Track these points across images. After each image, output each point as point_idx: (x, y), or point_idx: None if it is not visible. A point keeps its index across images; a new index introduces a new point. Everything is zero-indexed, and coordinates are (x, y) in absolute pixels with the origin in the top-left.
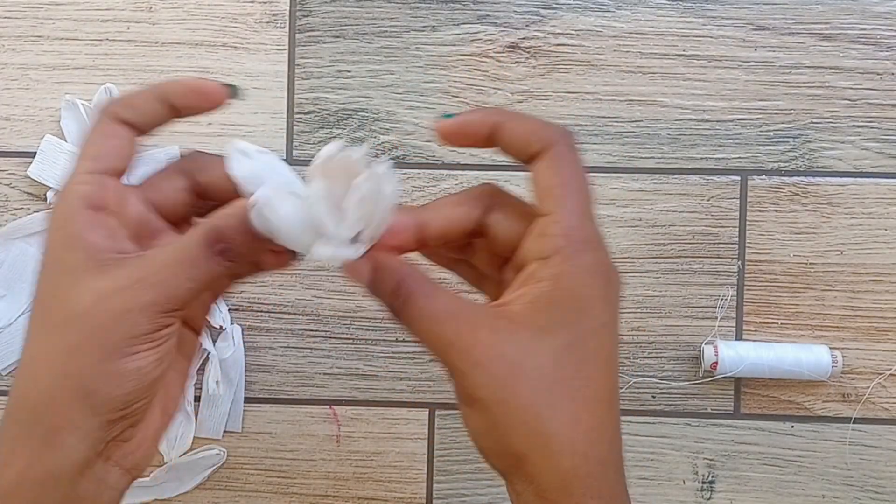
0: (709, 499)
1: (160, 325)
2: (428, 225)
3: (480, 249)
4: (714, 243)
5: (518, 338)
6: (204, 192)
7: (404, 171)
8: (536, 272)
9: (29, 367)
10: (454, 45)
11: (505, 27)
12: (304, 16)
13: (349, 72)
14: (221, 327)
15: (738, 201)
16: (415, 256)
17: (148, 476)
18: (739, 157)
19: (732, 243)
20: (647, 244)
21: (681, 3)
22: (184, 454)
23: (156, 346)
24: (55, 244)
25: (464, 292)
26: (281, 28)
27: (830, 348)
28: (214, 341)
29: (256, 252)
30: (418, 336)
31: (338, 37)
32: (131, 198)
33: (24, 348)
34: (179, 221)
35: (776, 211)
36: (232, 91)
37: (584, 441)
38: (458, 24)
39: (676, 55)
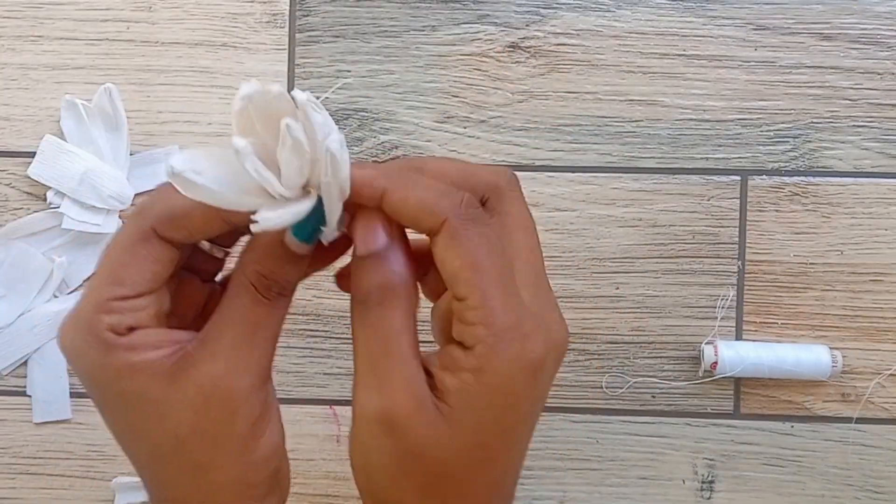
0: (709, 499)
1: (265, 395)
2: (387, 199)
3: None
4: (714, 243)
5: (435, 425)
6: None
7: None
8: (458, 360)
9: (174, 488)
10: (454, 44)
11: (505, 27)
12: (304, 15)
13: (349, 71)
14: None
15: (738, 201)
16: None
17: None
18: (740, 157)
19: (733, 243)
20: (647, 244)
21: (681, 2)
22: None
23: (273, 412)
24: (105, 378)
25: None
26: (281, 28)
27: (830, 348)
28: None
29: (303, 268)
30: (359, 348)
31: (338, 36)
32: (164, 298)
33: (148, 473)
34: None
35: (776, 211)
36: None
37: None
38: (458, 24)
39: (677, 55)
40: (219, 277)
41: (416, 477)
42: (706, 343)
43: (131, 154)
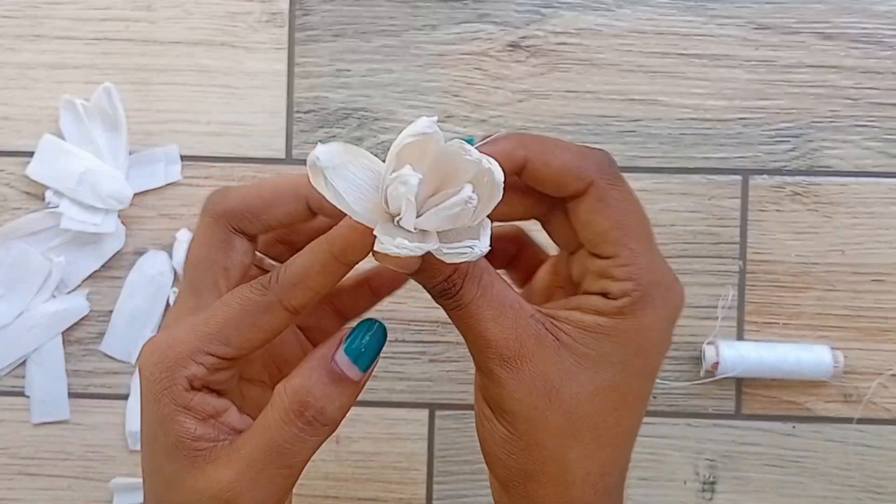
0: (710, 499)
1: (281, 498)
2: (529, 166)
3: (563, 223)
4: (715, 243)
5: (562, 360)
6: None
7: None
8: (598, 305)
9: None
10: (454, 43)
11: (505, 26)
12: (304, 14)
13: (349, 71)
14: None
15: (739, 201)
16: None
17: None
18: (741, 157)
19: (734, 243)
20: None
21: (682, 1)
22: None
23: None
24: (152, 417)
25: None
26: (280, 27)
27: (832, 348)
28: None
29: (353, 398)
30: (458, 324)
31: (337, 36)
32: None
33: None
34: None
35: (777, 210)
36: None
37: (597, 473)
38: (458, 23)
39: (677, 54)
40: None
41: (553, 416)
42: (707, 343)
43: (130, 153)
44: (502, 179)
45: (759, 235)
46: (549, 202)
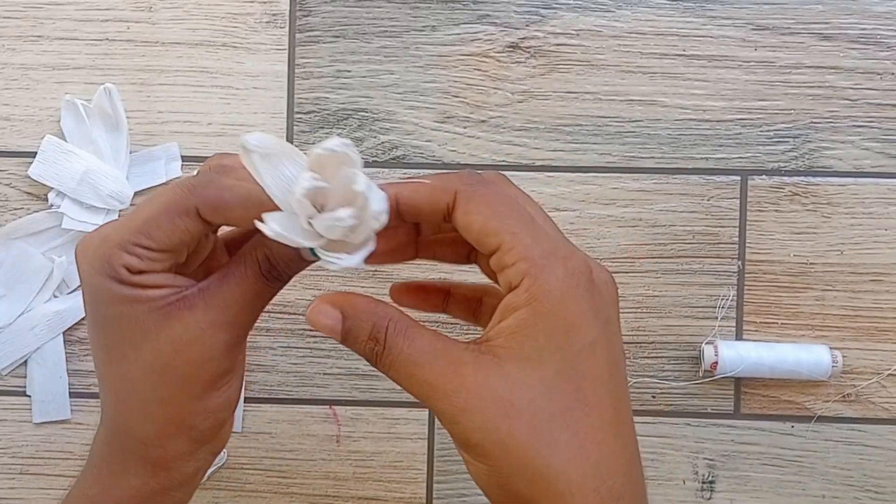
0: (709, 499)
1: (237, 356)
2: (402, 199)
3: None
4: (714, 243)
5: (505, 372)
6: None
7: (404, 170)
8: (510, 302)
9: (125, 410)
10: (454, 44)
11: (505, 27)
12: (304, 15)
13: (349, 71)
14: None
15: (738, 201)
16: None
17: None
18: (739, 157)
19: (732, 243)
20: (647, 244)
21: (681, 2)
22: None
23: (237, 373)
24: (104, 297)
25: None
26: (281, 28)
27: (831, 348)
28: None
29: (304, 267)
30: (400, 383)
31: (338, 37)
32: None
33: (108, 392)
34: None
35: (776, 211)
36: None
37: (594, 476)
38: (458, 24)
39: (676, 55)
40: (220, 232)
41: (518, 431)
42: (706, 343)
43: (131, 153)
44: (379, 212)
45: (758, 236)
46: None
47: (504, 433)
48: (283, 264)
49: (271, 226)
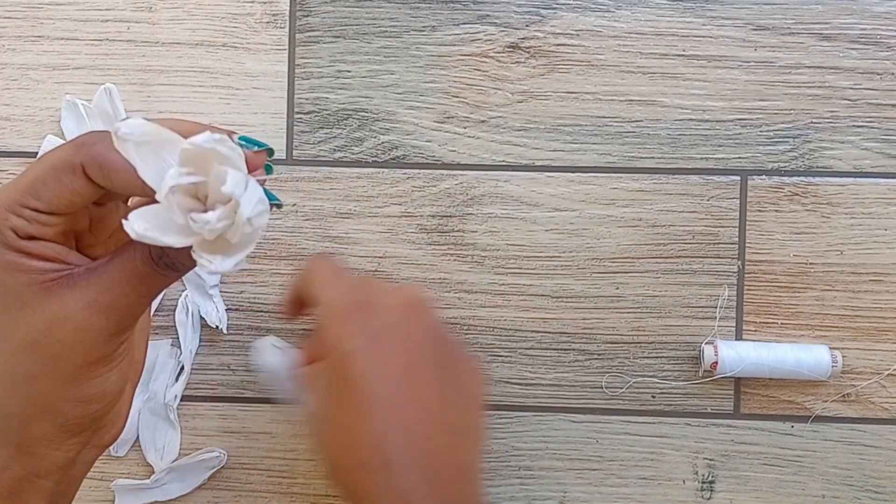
0: (709, 499)
1: (116, 346)
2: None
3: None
4: (714, 243)
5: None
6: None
7: (404, 171)
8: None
9: None
10: (454, 45)
11: (505, 27)
12: (304, 16)
13: (349, 72)
14: (217, 327)
15: (737, 201)
16: None
17: (149, 479)
18: (739, 157)
19: (732, 243)
20: (646, 244)
21: (681, 3)
22: (177, 459)
23: (115, 365)
24: None
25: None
26: (281, 28)
27: (830, 348)
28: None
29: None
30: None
31: (338, 37)
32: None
33: None
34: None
35: (776, 211)
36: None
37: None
38: (458, 24)
39: (676, 55)
40: (132, 202)
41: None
42: (706, 343)
43: None
44: (253, 215)
45: (758, 236)
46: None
47: None
48: (174, 251)
49: (137, 224)
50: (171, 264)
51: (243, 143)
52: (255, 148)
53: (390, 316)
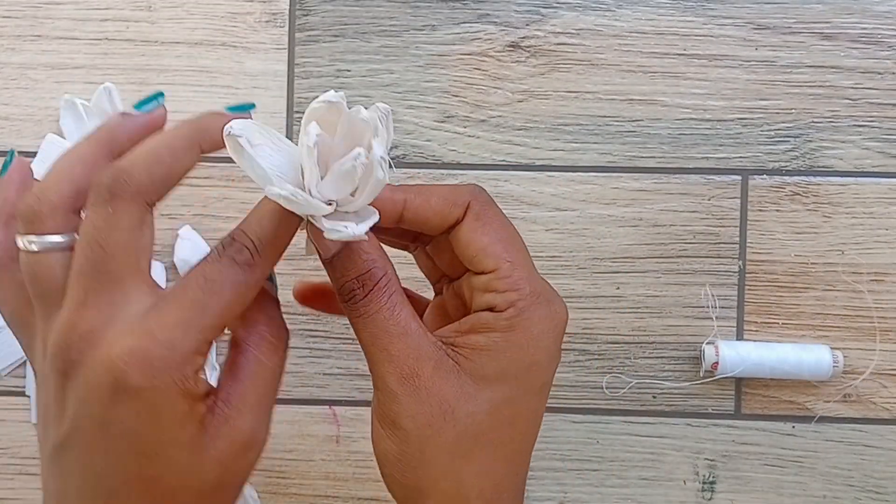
0: (709, 499)
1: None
2: (412, 207)
3: (445, 250)
4: (715, 243)
5: (461, 382)
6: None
7: (404, 170)
8: (488, 322)
9: None
10: (454, 44)
11: (505, 26)
12: (304, 15)
13: (349, 71)
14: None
15: (738, 201)
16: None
17: None
18: (740, 157)
19: (733, 243)
20: (647, 244)
21: (681, 2)
22: None
23: None
24: (154, 420)
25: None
26: (280, 27)
27: (832, 348)
28: None
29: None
30: (360, 334)
31: (337, 36)
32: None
33: None
34: None
35: (777, 211)
36: None
37: (491, 490)
38: (458, 24)
39: (677, 54)
40: None
41: (446, 434)
42: (707, 343)
43: None
44: (382, 156)
45: (759, 235)
46: (467, 209)
47: (433, 430)
48: (283, 329)
49: (283, 187)
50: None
51: (231, 110)
52: (245, 111)
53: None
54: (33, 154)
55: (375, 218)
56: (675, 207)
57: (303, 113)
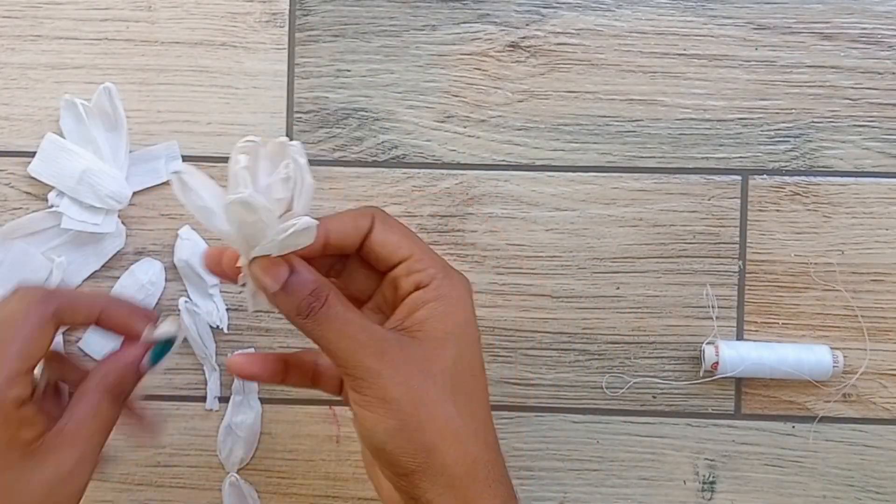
0: (709, 499)
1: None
2: (330, 232)
3: (356, 269)
4: (715, 243)
5: (423, 347)
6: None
7: (404, 170)
8: (420, 297)
9: None
10: (454, 44)
11: (505, 26)
12: (304, 15)
13: (349, 71)
14: (218, 327)
15: (738, 201)
16: None
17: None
18: (740, 157)
19: (733, 243)
20: (647, 244)
21: (681, 2)
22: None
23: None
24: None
25: None
26: (280, 27)
27: (831, 348)
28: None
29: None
30: (329, 337)
31: (337, 36)
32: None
33: None
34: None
35: (777, 210)
36: (155, 349)
37: (483, 431)
38: (458, 24)
39: (677, 54)
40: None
41: (430, 391)
42: (707, 343)
43: (130, 152)
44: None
45: (759, 235)
46: (372, 218)
47: (422, 391)
48: (132, 384)
49: (238, 192)
50: (125, 394)
51: (154, 355)
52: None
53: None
54: (33, 154)
55: (315, 222)
56: (675, 207)
57: (303, 113)
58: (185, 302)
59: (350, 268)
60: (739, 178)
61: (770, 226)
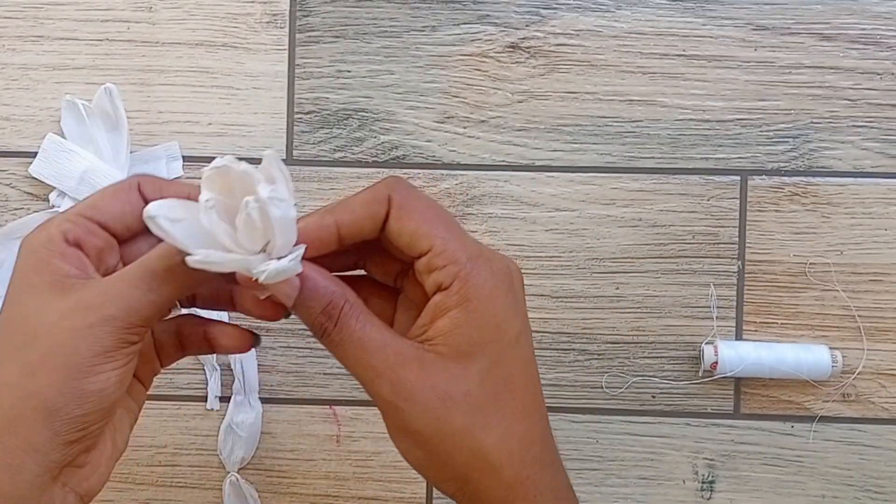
0: (709, 499)
1: (123, 342)
2: (343, 223)
3: (377, 254)
4: (714, 243)
5: (446, 367)
6: None
7: (404, 170)
8: (442, 302)
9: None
10: (454, 45)
11: (505, 27)
12: (305, 16)
13: (349, 72)
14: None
15: (738, 201)
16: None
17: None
18: (739, 157)
19: (732, 243)
20: (647, 244)
21: (681, 3)
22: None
23: (119, 367)
24: (24, 267)
25: None
26: (281, 28)
27: (830, 348)
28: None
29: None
30: (344, 361)
31: (338, 37)
32: (112, 252)
33: None
34: None
35: (776, 211)
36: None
37: (519, 448)
38: (458, 24)
39: (676, 55)
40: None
41: (454, 419)
42: (706, 343)
43: (131, 153)
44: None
45: (758, 236)
46: (390, 201)
47: (442, 421)
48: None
49: (196, 252)
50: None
51: None
52: None
53: (524, 293)
54: (34, 154)
55: (301, 249)
56: (674, 208)
57: (303, 113)
58: None
59: (378, 251)
60: (738, 178)
61: (769, 226)
